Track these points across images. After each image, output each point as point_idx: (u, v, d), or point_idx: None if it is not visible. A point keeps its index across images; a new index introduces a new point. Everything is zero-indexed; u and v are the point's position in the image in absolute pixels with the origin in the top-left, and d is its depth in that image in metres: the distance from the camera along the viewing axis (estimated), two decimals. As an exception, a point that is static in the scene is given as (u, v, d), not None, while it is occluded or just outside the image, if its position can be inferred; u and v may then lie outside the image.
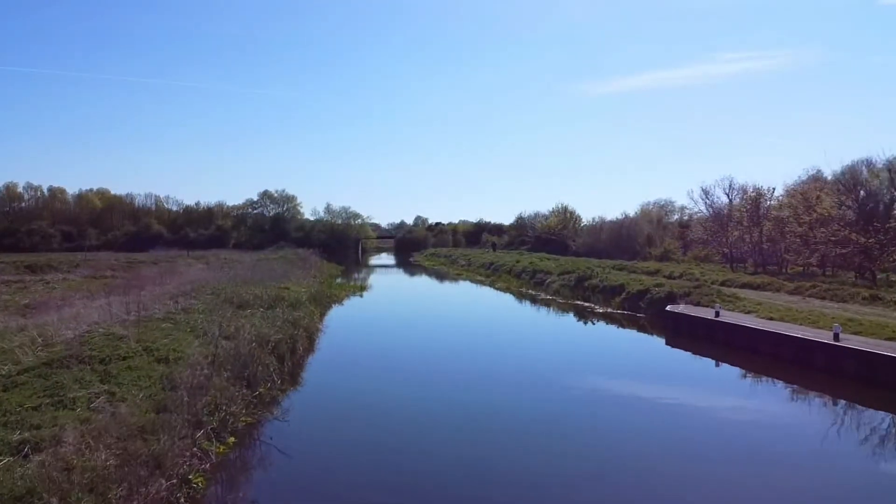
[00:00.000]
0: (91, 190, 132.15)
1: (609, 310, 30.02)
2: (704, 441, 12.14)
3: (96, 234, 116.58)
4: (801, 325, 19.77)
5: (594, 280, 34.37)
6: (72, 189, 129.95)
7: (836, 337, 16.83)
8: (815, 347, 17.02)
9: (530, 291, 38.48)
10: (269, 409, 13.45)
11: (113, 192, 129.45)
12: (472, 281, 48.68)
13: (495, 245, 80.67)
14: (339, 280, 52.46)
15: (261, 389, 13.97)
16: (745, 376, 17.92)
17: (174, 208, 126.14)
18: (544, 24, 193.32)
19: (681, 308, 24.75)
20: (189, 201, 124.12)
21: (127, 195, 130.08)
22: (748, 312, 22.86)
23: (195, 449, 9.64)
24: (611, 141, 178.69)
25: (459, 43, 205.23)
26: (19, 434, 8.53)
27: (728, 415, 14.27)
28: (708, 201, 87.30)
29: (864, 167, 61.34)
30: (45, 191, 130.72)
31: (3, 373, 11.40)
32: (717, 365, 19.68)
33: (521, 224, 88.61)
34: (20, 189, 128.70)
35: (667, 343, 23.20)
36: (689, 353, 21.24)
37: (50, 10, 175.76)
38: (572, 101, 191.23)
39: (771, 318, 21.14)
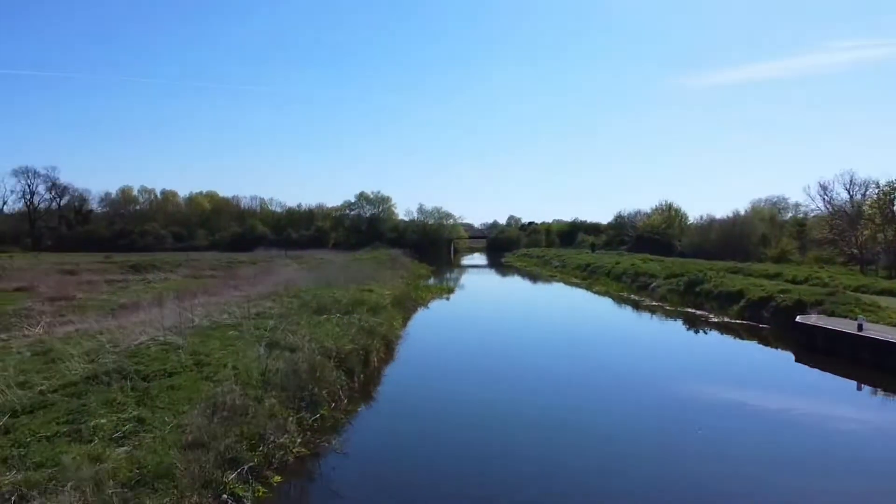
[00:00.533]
0: (201, 193, 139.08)
1: (725, 319, 26.40)
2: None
3: (204, 234, 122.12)
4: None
5: (707, 285, 30.57)
6: (183, 192, 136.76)
7: None
8: None
9: (632, 296, 35.11)
10: (331, 436, 11.62)
11: (221, 195, 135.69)
12: (567, 283, 45.70)
13: (595, 246, 76.21)
14: (428, 281, 51.11)
15: (323, 411, 12.19)
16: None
17: (278, 210, 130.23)
18: (642, 15, 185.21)
19: (813, 319, 20.99)
20: (291, 203, 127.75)
21: (233, 197, 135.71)
22: (900, 326, 18.93)
23: (225, 496, 7.85)
24: (716, 136, 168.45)
25: (556, 39, 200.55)
26: (13, 474, 7.05)
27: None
28: (826, 198, 79.77)
29: None
30: (158, 194, 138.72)
31: (39, 390, 10.21)
32: (858, 388, 16.22)
33: (619, 223, 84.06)
34: (135, 192, 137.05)
35: (797, 360, 19.68)
36: (825, 373, 17.73)
37: (173, 19, 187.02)
38: (672, 95, 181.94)
39: (932, 334, 17.24)
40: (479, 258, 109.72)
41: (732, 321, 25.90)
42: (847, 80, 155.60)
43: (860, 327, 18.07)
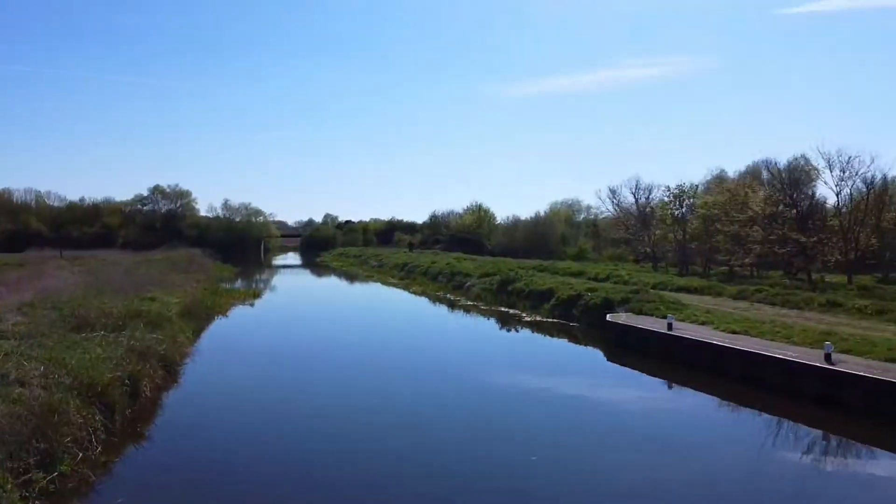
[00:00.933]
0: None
1: (538, 318, 26.44)
2: None
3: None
4: (772, 340, 16.74)
5: (519, 284, 30.73)
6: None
7: (829, 358, 13.77)
8: (806, 372, 13.85)
9: (449, 296, 34.46)
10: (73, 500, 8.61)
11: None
12: (385, 284, 44.22)
13: (413, 245, 75.19)
14: (234, 284, 46.62)
15: (63, 467, 9.07)
16: (722, 406, 14.58)
17: (58, 204, 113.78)
18: (458, 25, 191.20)
19: (623, 318, 21.42)
20: (73, 197, 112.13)
21: (4, 190, 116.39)
22: (703, 323, 19.77)
23: None
24: (521, 142, 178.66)
25: (372, 40, 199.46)
26: None
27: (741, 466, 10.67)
28: (615, 200, 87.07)
29: (764, 168, 62.15)
30: None
31: None
32: (669, 387, 16.45)
33: (435, 223, 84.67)
34: None
35: (608, 358, 19.84)
36: (637, 372, 17.88)
37: None
38: (485, 103, 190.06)
39: (734, 332, 18.06)
40: (293, 258, 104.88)
41: (544, 320, 25.99)
42: (634, 95, 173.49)
43: (670, 326, 18.47)
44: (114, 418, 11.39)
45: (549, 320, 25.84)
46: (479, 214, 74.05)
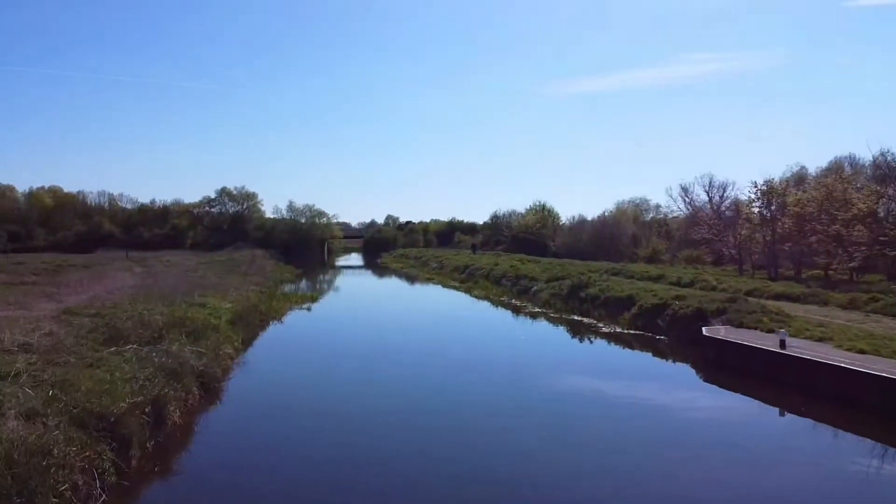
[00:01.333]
0: (43, 188, 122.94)
1: (616, 328, 23.65)
2: None
3: (44, 233, 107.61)
4: (920, 363, 13.56)
5: (593, 289, 27.93)
6: (23, 187, 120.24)
7: None
8: None
9: (514, 301, 32.00)
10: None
11: (66, 191, 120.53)
12: (446, 286, 42.21)
13: (476, 247, 72.00)
14: (297, 285, 45.63)
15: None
16: (863, 446, 11.62)
17: (129, 206, 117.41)
18: (517, 24, 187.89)
19: (722, 332, 18.44)
20: (144, 199, 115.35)
21: (79, 193, 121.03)
22: (819, 340, 16.62)
23: None
24: (581, 140, 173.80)
25: (431, 41, 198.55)
26: None
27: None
28: (687, 199, 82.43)
29: (847, 163, 56.76)
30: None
31: None
32: (782, 415, 13.46)
33: (496, 223, 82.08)
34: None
35: (705, 379, 17.00)
36: (745, 397, 15.00)
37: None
38: (544, 101, 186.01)
39: (861, 351, 14.92)
40: (355, 259, 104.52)
41: (624, 331, 23.19)
42: (699, 90, 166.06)
43: (783, 343, 15.44)
44: (129, 455, 9.59)
45: (630, 332, 23.03)
46: (543, 214, 71.08)
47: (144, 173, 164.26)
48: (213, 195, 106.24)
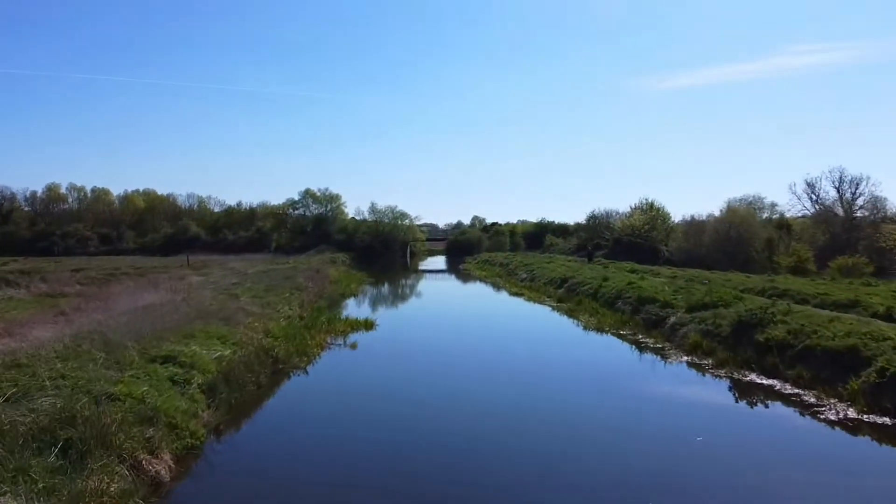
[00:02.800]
0: (138, 191, 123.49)
1: (841, 407, 13.20)
2: None
3: (133, 236, 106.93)
4: None
5: (776, 331, 17.68)
6: (118, 190, 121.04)
7: None
8: None
9: (641, 338, 22.00)
10: None
11: (160, 193, 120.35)
12: (538, 302, 32.94)
13: (592, 254, 55.57)
14: (363, 296, 37.77)
15: None
16: None
17: (217, 209, 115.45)
18: (612, 16, 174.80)
19: None
20: (232, 202, 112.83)
21: (169, 195, 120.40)
22: None
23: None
24: (678, 137, 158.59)
25: (524, 38, 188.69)
26: None
27: None
28: (814, 196, 69.43)
29: None
30: (89, 192, 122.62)
31: None
32: None
33: (594, 224, 70.98)
34: (63, 190, 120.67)
35: None
36: None
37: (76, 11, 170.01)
38: (639, 96, 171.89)
39: None
40: (438, 262, 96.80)
41: (860, 416, 13.10)
42: (805, 83, 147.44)
43: None
44: None
45: (872, 418, 12.98)
46: (651, 214, 59.96)
47: (233, 176, 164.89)
48: (296, 197, 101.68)
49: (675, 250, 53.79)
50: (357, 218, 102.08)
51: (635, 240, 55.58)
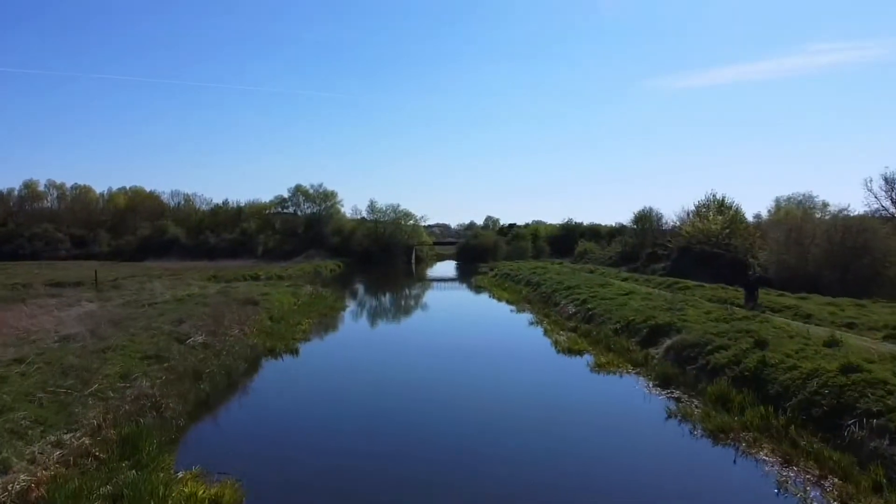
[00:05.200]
0: (124, 188, 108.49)
1: None
2: None
3: (108, 238, 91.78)
4: None
5: None
6: (102, 188, 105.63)
7: None
8: None
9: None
10: None
11: (147, 191, 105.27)
12: (614, 372, 16.71)
13: (754, 289, 24.88)
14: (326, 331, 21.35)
15: None
16: None
17: (205, 207, 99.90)
18: (627, 15, 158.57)
19: None
20: (224, 200, 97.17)
21: (153, 192, 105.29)
22: None
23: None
24: (695, 136, 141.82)
25: (535, 37, 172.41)
26: None
27: None
28: (892, 194, 54.44)
29: None
30: (70, 189, 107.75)
31: None
32: None
33: (644, 227, 52.84)
34: (42, 187, 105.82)
35: None
36: None
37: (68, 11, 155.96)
38: (650, 97, 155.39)
39: None
40: (448, 268, 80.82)
41: None
42: (823, 82, 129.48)
43: None
44: None
45: None
46: (730, 215, 42.79)
47: (227, 174, 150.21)
48: (285, 194, 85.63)
49: (769, 263, 37.16)
50: (356, 216, 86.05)
51: (712, 249, 38.84)
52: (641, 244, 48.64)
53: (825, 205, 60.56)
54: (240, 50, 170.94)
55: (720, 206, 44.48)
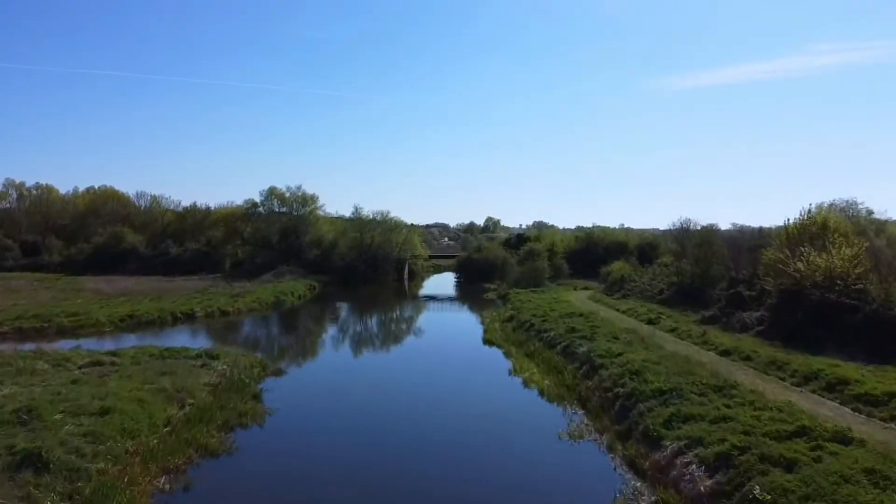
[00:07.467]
0: (93, 188, 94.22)
1: None
2: None
3: (60, 247, 77.26)
4: None
5: None
6: (67, 188, 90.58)
7: None
8: None
9: None
10: None
11: (121, 192, 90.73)
12: None
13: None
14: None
15: None
16: None
17: (173, 208, 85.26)
18: (632, 17, 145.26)
19: None
20: (189, 202, 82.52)
21: (116, 193, 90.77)
22: None
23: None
24: (706, 136, 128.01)
25: (540, 36, 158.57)
26: None
27: None
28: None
29: None
30: (31, 190, 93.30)
31: None
32: None
33: (708, 254, 36.76)
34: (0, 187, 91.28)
35: None
36: None
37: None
38: (649, 97, 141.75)
39: None
40: (446, 282, 66.87)
41: None
42: (825, 83, 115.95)
43: None
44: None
45: None
46: (857, 249, 27.78)
47: (192, 174, 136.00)
48: (257, 198, 70.71)
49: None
50: (336, 219, 71.25)
51: (839, 298, 24.45)
52: (705, 275, 34.33)
53: (869, 212, 48.17)
54: (220, 46, 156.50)
55: (823, 222, 29.99)
